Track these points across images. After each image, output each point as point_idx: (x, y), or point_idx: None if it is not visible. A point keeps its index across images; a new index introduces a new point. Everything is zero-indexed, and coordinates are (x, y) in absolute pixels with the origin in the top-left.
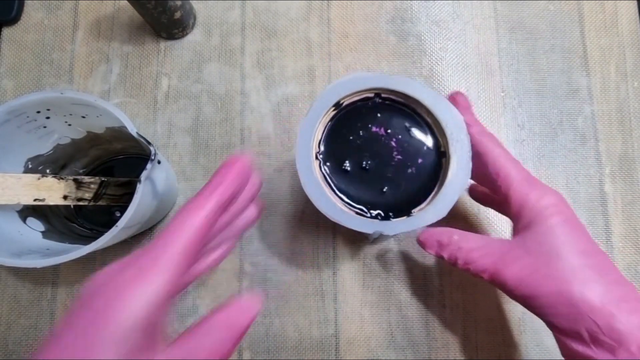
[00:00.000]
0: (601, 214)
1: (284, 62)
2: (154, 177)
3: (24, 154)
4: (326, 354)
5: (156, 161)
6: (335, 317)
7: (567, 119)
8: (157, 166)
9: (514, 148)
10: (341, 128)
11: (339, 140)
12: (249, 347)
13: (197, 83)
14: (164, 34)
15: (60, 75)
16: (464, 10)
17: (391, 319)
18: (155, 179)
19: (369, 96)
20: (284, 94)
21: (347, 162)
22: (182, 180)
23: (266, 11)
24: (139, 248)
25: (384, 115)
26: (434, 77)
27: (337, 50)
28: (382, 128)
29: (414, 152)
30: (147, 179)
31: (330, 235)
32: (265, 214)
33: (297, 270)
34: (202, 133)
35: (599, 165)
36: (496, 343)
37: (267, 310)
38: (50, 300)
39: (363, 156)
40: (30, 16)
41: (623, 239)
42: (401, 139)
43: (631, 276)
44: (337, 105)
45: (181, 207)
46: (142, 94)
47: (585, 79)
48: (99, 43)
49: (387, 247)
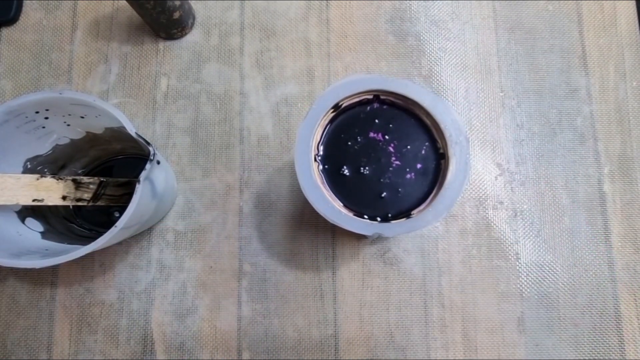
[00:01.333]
0: (600, 214)
1: (283, 62)
2: (153, 178)
3: (22, 155)
4: (325, 354)
5: (155, 161)
6: (334, 317)
7: (566, 118)
8: (157, 166)
9: (513, 148)
10: (340, 133)
11: (337, 144)
12: (248, 348)
13: (196, 83)
14: (163, 34)
15: (59, 75)
16: (463, 10)
17: (390, 319)
18: (154, 179)
19: (368, 98)
20: (283, 94)
21: (345, 168)
22: (182, 181)
23: (265, 11)
24: (138, 248)
25: (382, 120)
26: (432, 77)
27: (336, 51)
28: (380, 134)
29: (413, 156)
30: (147, 179)
31: (329, 235)
32: (265, 214)
33: (297, 270)
34: (201, 133)
35: (598, 164)
36: (495, 343)
37: (266, 310)
38: (49, 300)
39: (361, 162)
40: (29, 16)
41: (622, 238)
42: (399, 144)
43: (630, 275)
44: (336, 107)
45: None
46: (141, 94)
47: (584, 78)
48: (97, 43)
49: (387, 247)
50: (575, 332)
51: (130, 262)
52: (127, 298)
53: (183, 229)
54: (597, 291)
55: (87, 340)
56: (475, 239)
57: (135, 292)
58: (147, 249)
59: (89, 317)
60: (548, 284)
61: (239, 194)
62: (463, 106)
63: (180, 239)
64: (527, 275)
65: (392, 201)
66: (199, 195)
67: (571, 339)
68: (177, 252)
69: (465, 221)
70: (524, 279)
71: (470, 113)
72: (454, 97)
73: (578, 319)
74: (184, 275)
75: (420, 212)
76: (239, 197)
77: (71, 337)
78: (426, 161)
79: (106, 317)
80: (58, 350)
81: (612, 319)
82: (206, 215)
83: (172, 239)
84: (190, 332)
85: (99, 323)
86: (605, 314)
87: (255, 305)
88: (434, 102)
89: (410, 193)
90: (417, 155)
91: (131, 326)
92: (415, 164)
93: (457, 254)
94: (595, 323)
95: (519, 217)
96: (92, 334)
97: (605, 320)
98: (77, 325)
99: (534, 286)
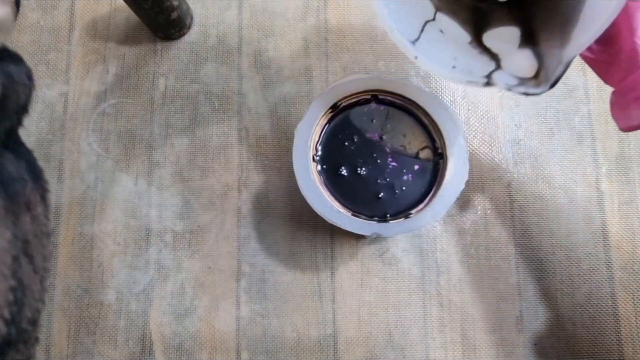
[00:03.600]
0: (598, 213)
1: (281, 62)
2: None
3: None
4: (324, 354)
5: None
6: (333, 317)
7: (564, 118)
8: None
9: (511, 148)
10: (338, 133)
11: (336, 145)
12: (247, 348)
13: (194, 83)
14: (161, 34)
15: (56, 75)
16: None
17: (389, 318)
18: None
19: (366, 97)
20: (282, 94)
21: (343, 168)
22: (179, 181)
23: (263, 11)
24: (136, 249)
25: (381, 120)
26: (431, 77)
27: (334, 50)
28: (378, 133)
29: (410, 157)
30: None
31: (328, 235)
32: (263, 214)
33: (295, 270)
34: (200, 133)
35: (596, 164)
36: (494, 342)
37: (265, 310)
38: (48, 301)
39: (359, 162)
40: (26, 17)
41: (619, 237)
42: (397, 146)
43: (628, 274)
44: (335, 107)
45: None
46: (139, 94)
47: (581, 78)
48: (95, 43)
49: (385, 247)
50: (574, 331)
51: (129, 263)
52: (126, 299)
53: (181, 230)
54: (595, 290)
55: (85, 341)
56: (473, 238)
57: (133, 293)
58: (146, 250)
59: (87, 318)
60: (546, 283)
61: (237, 194)
62: (461, 106)
63: (178, 240)
64: (525, 274)
65: (390, 201)
66: (197, 195)
67: (569, 338)
68: (176, 253)
69: (463, 221)
70: (522, 278)
71: (468, 113)
72: (452, 97)
73: (576, 318)
74: (183, 275)
75: (419, 212)
76: (237, 197)
77: (69, 338)
78: (425, 161)
79: (104, 318)
80: (56, 351)
81: (610, 318)
82: (204, 215)
83: (171, 239)
84: (189, 333)
85: (97, 324)
86: (603, 313)
87: (253, 305)
88: (432, 102)
89: (408, 193)
90: (416, 155)
91: (130, 327)
92: (413, 165)
93: (455, 253)
94: (593, 322)
95: (517, 216)
96: (90, 335)
97: (603, 320)
98: (76, 326)
99: (532, 285)
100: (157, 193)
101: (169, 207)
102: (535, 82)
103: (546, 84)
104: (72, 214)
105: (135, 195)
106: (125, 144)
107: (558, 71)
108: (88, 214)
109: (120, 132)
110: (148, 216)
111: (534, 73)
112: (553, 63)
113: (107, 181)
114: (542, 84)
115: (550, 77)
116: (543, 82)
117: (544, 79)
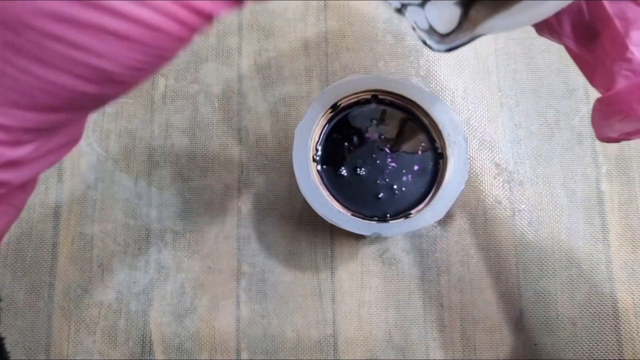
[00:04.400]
0: (598, 213)
1: (281, 62)
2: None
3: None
4: (324, 354)
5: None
6: (333, 317)
7: (564, 118)
8: None
9: (511, 147)
10: (338, 133)
11: (336, 145)
12: (247, 348)
13: (194, 83)
14: None
15: None
16: None
17: (389, 318)
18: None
19: (366, 97)
20: (281, 94)
21: (343, 168)
22: (179, 181)
23: (263, 11)
24: (136, 249)
25: (381, 120)
26: (430, 77)
27: (334, 51)
28: (378, 133)
29: (410, 158)
30: None
31: (328, 235)
32: (263, 214)
33: (295, 270)
34: (199, 133)
35: (596, 164)
36: (494, 342)
37: (265, 310)
38: (47, 301)
39: (359, 162)
40: None
41: (620, 237)
42: (396, 146)
43: (628, 274)
44: (334, 107)
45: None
46: (139, 94)
47: (581, 78)
48: None
49: (385, 247)
50: (574, 331)
51: (129, 263)
52: (126, 299)
53: (181, 230)
54: (595, 290)
55: (85, 341)
56: (473, 238)
57: (133, 293)
58: (145, 250)
59: (87, 318)
60: (546, 283)
61: (237, 194)
62: (461, 106)
63: (178, 240)
64: (525, 274)
65: (390, 201)
66: (197, 195)
67: (569, 338)
68: (176, 253)
69: (463, 221)
70: (522, 278)
71: (468, 113)
72: (452, 97)
73: (576, 318)
74: (183, 275)
75: (419, 212)
76: (237, 197)
77: (69, 338)
78: (425, 161)
79: (104, 318)
80: (56, 351)
81: (610, 318)
82: (204, 215)
83: (171, 239)
84: (189, 333)
85: (97, 324)
86: (603, 313)
87: (253, 305)
88: (432, 102)
89: (409, 193)
90: (416, 155)
91: (130, 327)
92: (413, 165)
93: (455, 253)
94: (593, 322)
95: (517, 216)
96: (90, 335)
97: (603, 320)
98: (75, 326)
99: (532, 285)
100: (157, 193)
101: (169, 207)
102: (440, 39)
103: (446, 45)
104: (72, 214)
105: (135, 195)
106: (125, 144)
107: (461, 40)
108: (88, 214)
109: (120, 132)
110: (148, 216)
111: (446, 32)
112: (466, 31)
113: (107, 181)
114: (443, 44)
115: (453, 41)
116: (446, 42)
117: (448, 41)
